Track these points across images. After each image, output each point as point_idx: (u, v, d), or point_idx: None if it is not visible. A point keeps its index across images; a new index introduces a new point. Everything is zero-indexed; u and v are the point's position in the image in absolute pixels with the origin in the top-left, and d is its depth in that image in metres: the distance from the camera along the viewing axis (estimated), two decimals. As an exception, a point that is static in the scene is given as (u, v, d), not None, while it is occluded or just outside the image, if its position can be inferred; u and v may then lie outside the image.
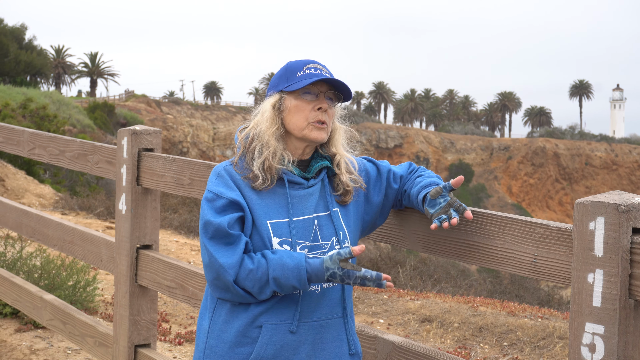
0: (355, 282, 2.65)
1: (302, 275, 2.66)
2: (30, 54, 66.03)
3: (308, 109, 2.82)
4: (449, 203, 2.74)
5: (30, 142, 5.45)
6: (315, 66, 2.85)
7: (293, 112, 2.82)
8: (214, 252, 2.71)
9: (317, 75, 2.80)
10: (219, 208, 2.73)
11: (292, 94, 2.84)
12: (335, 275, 2.65)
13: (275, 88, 2.88)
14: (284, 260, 2.67)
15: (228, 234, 2.70)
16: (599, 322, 2.29)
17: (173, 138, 73.38)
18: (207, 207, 2.76)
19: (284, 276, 2.66)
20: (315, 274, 2.66)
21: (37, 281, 7.35)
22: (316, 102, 2.83)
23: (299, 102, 2.82)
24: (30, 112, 29.08)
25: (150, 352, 4.35)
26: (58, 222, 5.16)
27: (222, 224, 2.70)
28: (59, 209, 17.63)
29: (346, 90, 2.86)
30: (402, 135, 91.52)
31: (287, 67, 2.88)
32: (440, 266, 16.34)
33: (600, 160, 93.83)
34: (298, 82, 2.81)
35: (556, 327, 7.93)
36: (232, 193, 2.75)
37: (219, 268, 2.69)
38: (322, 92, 2.84)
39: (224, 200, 2.74)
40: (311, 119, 2.81)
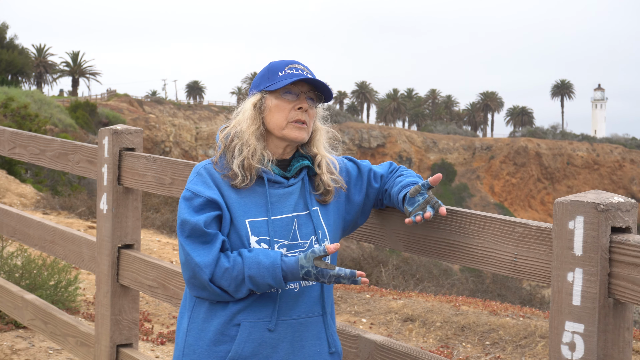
0: (330, 281, 2.65)
1: (278, 273, 2.66)
2: (12, 52, 65.73)
3: (288, 108, 2.83)
4: (426, 200, 2.75)
5: (10, 141, 5.43)
6: (297, 66, 2.86)
7: (273, 111, 2.83)
8: (190, 251, 2.72)
9: (298, 75, 2.81)
10: (197, 207, 2.74)
11: (273, 93, 2.85)
12: (310, 273, 2.65)
13: (256, 88, 2.89)
14: (260, 259, 2.67)
15: (204, 233, 2.70)
16: (578, 321, 2.30)
17: (155, 137, 73.19)
18: (184, 206, 2.77)
19: (259, 274, 2.66)
20: (291, 272, 2.67)
21: (18, 281, 7.31)
22: (297, 102, 2.84)
23: (279, 102, 2.83)
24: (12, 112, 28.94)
25: (132, 352, 4.34)
26: (39, 222, 5.14)
27: (198, 223, 2.70)
28: (41, 209, 17.55)
29: (327, 91, 2.88)
30: (384, 135, 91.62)
31: (269, 67, 2.89)
32: (422, 265, 16.37)
33: (581, 160, 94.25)
34: (279, 81, 2.82)
35: (538, 326, 7.96)
36: (210, 192, 2.75)
37: (194, 267, 2.70)
38: (303, 92, 2.85)
39: (201, 199, 2.74)
40: (291, 119, 2.82)
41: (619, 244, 2.25)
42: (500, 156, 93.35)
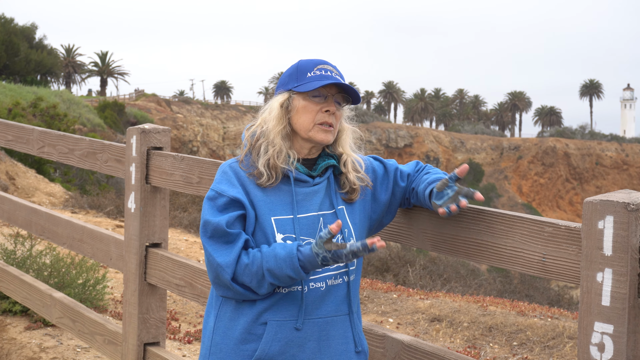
0: (348, 259, 2.62)
1: (295, 263, 2.65)
2: (41, 53, 66.20)
3: (316, 110, 2.82)
4: (457, 192, 2.73)
5: (39, 140, 5.46)
6: (326, 67, 2.85)
7: (301, 112, 2.83)
8: (212, 252, 2.73)
9: (327, 78, 2.80)
10: (220, 206, 2.75)
11: (301, 94, 2.84)
12: (327, 258, 2.63)
13: (284, 86, 2.88)
14: (277, 251, 2.67)
15: (226, 233, 2.71)
16: (608, 322, 2.28)
17: (183, 137, 73.46)
18: (207, 206, 2.78)
19: (277, 267, 2.66)
20: (308, 261, 2.65)
21: (46, 279, 7.36)
22: (324, 105, 2.83)
23: (307, 103, 2.82)
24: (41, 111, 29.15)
25: (159, 351, 4.35)
26: (67, 220, 5.17)
27: (220, 223, 2.71)
28: (69, 208, 17.66)
29: (355, 94, 2.87)
30: (412, 134, 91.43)
31: (297, 66, 2.88)
32: (449, 265, 16.31)
33: (610, 160, 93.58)
34: (308, 83, 2.81)
35: (566, 327, 7.91)
36: (233, 191, 2.76)
37: (217, 267, 2.72)
38: (330, 94, 2.85)
39: (225, 199, 2.75)
40: (318, 121, 2.81)
41: (650, 244, 2.23)
42: (529, 156, 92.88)
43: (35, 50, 66.06)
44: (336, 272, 2.82)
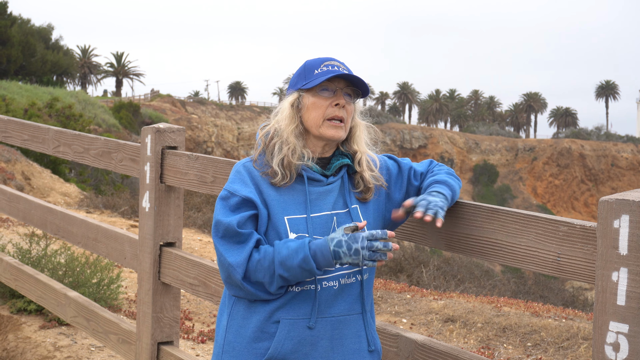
0: (363, 244, 2.59)
1: (306, 251, 2.63)
2: (57, 53, 66.49)
3: (325, 105, 2.82)
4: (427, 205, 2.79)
5: (55, 140, 5.48)
6: (333, 63, 2.85)
7: (311, 109, 2.83)
8: (223, 252, 2.74)
9: (333, 72, 2.80)
10: (232, 206, 2.75)
11: (309, 91, 2.85)
12: (341, 243, 2.60)
13: (294, 87, 2.90)
14: (289, 243, 2.68)
15: (237, 233, 2.72)
16: (623, 321, 2.27)
17: (197, 138, 73.61)
18: (219, 206, 2.79)
19: (288, 257, 2.65)
20: (319, 249, 2.63)
21: (61, 278, 7.39)
22: (333, 99, 2.83)
23: (316, 99, 2.83)
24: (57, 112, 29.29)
25: (173, 350, 4.36)
26: (82, 220, 5.18)
27: (231, 223, 2.72)
28: (84, 208, 17.72)
29: (363, 86, 2.86)
30: (426, 135, 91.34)
31: (305, 65, 2.90)
32: (464, 266, 16.28)
33: (626, 162, 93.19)
34: (315, 79, 2.82)
35: (580, 328, 7.88)
36: (245, 190, 2.76)
37: (228, 267, 2.72)
38: (339, 88, 2.84)
39: (237, 198, 2.76)
40: (328, 115, 2.81)
41: (665, 244, 2.21)
42: (544, 157, 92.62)
43: (51, 51, 66.34)
44: (349, 271, 2.81)
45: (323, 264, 2.65)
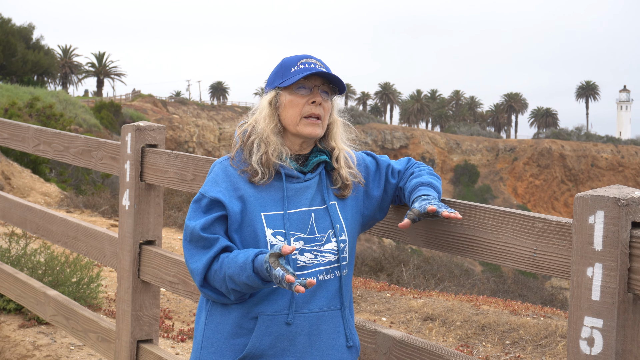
0: (275, 281, 2.53)
1: (249, 269, 2.61)
2: (38, 53, 66.14)
3: (302, 103, 2.83)
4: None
5: (35, 138, 5.47)
6: (310, 60, 2.86)
7: (288, 107, 2.84)
8: (187, 257, 2.78)
9: (309, 70, 2.81)
10: (202, 207, 2.78)
11: (286, 89, 2.85)
12: (268, 269, 2.56)
13: (271, 85, 2.90)
14: (237, 258, 2.66)
15: (201, 238, 2.73)
16: (597, 316, 2.29)
17: (179, 138, 73.45)
18: (190, 209, 2.82)
19: (236, 273, 2.64)
20: (259, 269, 2.60)
21: (41, 277, 7.37)
22: (310, 96, 2.84)
23: (293, 97, 2.84)
24: (37, 111, 29.16)
25: (152, 348, 4.36)
26: (62, 218, 5.18)
27: (195, 228, 2.74)
28: (64, 207, 17.66)
29: (340, 83, 2.88)
30: (407, 136, 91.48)
31: (282, 63, 2.90)
32: (443, 265, 16.34)
33: (606, 162, 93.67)
34: (291, 77, 2.83)
35: (558, 326, 7.93)
36: (214, 191, 2.78)
37: (191, 272, 2.77)
38: (316, 85, 2.85)
39: (206, 200, 2.78)
40: (305, 113, 2.82)
41: (639, 239, 2.24)
42: (524, 158, 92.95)
43: (32, 50, 65.98)
44: (328, 267, 2.82)
45: (267, 280, 2.62)
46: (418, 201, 2.79)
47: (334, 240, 2.83)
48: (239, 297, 2.74)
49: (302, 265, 2.77)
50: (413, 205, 2.79)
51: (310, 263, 2.78)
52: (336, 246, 2.83)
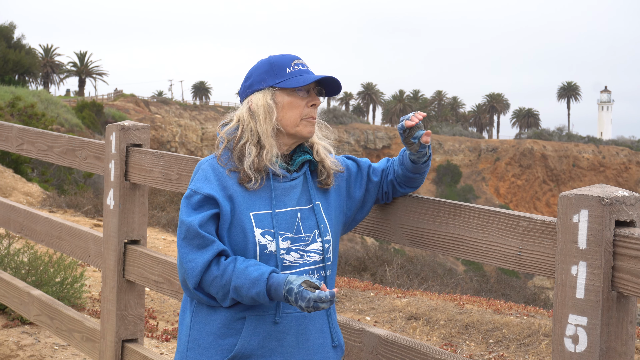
0: (308, 305, 2.56)
1: (262, 287, 2.63)
2: (19, 52, 65.80)
3: (302, 105, 2.84)
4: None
5: (18, 137, 5.45)
6: (301, 62, 2.89)
7: (287, 109, 2.84)
8: (182, 255, 2.74)
9: (309, 73, 2.85)
10: (195, 204, 2.76)
11: (284, 90, 2.84)
12: (292, 292, 2.58)
13: (261, 84, 2.87)
14: (249, 270, 2.67)
15: (199, 235, 2.70)
16: (582, 314, 2.31)
17: (161, 138, 73.26)
18: (183, 205, 2.79)
19: (244, 286, 2.65)
20: (274, 288, 2.62)
21: (24, 277, 7.34)
22: (309, 99, 2.86)
23: (293, 99, 2.84)
24: (19, 111, 29.01)
25: (137, 347, 4.36)
26: (46, 218, 5.16)
27: (193, 224, 2.71)
28: (47, 207, 17.59)
29: (338, 88, 2.91)
30: (390, 136, 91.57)
31: (271, 62, 2.88)
32: (427, 265, 16.38)
33: (587, 162, 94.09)
34: (292, 79, 2.82)
35: (542, 325, 7.97)
36: (207, 187, 2.76)
37: (184, 272, 2.73)
38: (311, 88, 2.87)
39: (199, 196, 2.76)
40: (305, 115, 2.84)
41: (623, 238, 2.26)
42: (506, 158, 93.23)
43: (13, 49, 65.64)
44: (313, 267, 2.84)
45: (276, 299, 2.66)
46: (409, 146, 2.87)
47: (319, 240, 2.85)
48: (231, 303, 2.74)
49: (288, 264, 2.78)
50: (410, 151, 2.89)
51: (296, 262, 2.79)
52: (321, 246, 2.85)
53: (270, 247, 2.75)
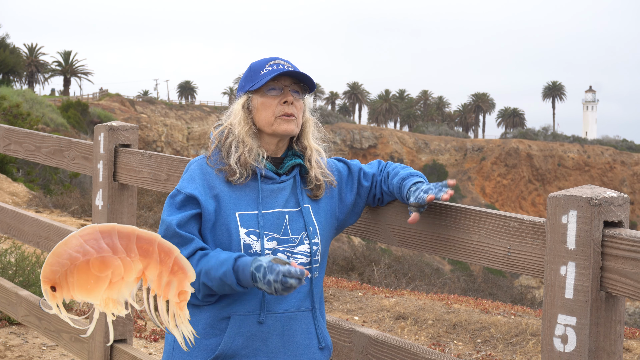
0: (277, 278, 2.55)
1: (229, 265, 2.63)
2: (3, 52, 65.57)
3: (274, 104, 2.86)
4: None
5: (5, 137, 5.44)
6: (278, 62, 2.89)
7: (260, 109, 2.87)
8: None
9: (277, 70, 2.84)
10: (177, 203, 2.79)
11: (257, 92, 2.88)
12: (260, 268, 2.58)
13: (242, 90, 2.93)
14: (219, 254, 2.69)
15: (177, 234, 2.73)
16: (571, 314, 2.33)
17: (147, 137, 73.11)
18: (166, 204, 2.82)
19: (214, 267, 2.66)
20: (242, 267, 2.62)
21: (12, 278, 7.33)
22: (281, 97, 2.87)
23: (264, 99, 2.87)
24: (3, 110, 28.89)
25: (126, 348, 4.36)
26: (34, 218, 5.16)
27: (171, 223, 2.74)
28: (33, 207, 17.54)
29: (309, 81, 2.90)
30: (376, 135, 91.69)
31: (250, 68, 2.93)
32: (414, 264, 16.41)
33: (572, 162, 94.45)
34: (261, 80, 2.85)
35: (529, 324, 8.01)
36: (190, 187, 2.80)
37: None
38: (286, 85, 2.88)
39: (181, 196, 2.79)
40: (278, 113, 2.85)
41: (612, 238, 2.28)
42: (492, 157, 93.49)
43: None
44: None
45: (244, 282, 2.64)
46: (413, 194, 2.82)
47: (307, 242, 2.86)
48: (207, 297, 2.74)
49: None
50: (410, 200, 2.83)
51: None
52: (309, 248, 2.86)
53: (255, 247, 2.77)
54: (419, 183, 2.86)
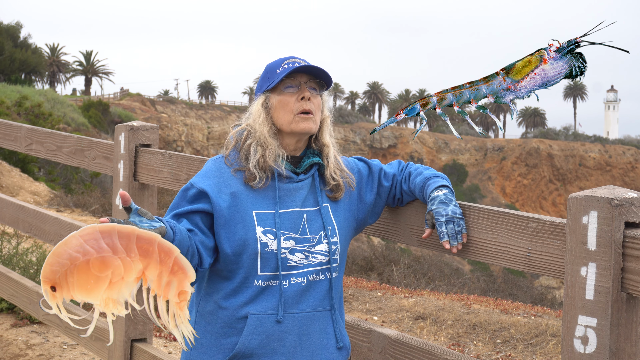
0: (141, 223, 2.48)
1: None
2: (25, 52, 65.90)
3: (292, 101, 2.85)
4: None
5: (27, 137, 5.47)
6: (294, 60, 2.89)
7: (278, 108, 2.87)
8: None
9: (293, 67, 2.83)
10: (189, 197, 2.80)
11: (274, 91, 2.88)
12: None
13: (260, 90, 2.93)
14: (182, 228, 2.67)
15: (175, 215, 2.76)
16: (591, 315, 2.32)
17: (167, 137, 73.32)
18: (177, 196, 2.84)
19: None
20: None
21: (33, 277, 7.37)
22: (299, 93, 2.86)
23: (282, 97, 2.86)
24: (25, 110, 29.09)
25: (146, 347, 4.38)
26: (55, 218, 5.18)
27: (174, 210, 2.78)
28: (54, 206, 17.63)
29: (326, 76, 2.89)
30: (396, 135, 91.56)
31: (266, 68, 2.94)
32: (433, 264, 16.38)
33: (593, 161, 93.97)
34: (277, 77, 2.85)
35: (549, 325, 7.97)
36: (203, 183, 2.81)
37: None
38: (302, 82, 2.87)
39: (194, 190, 2.81)
40: (296, 110, 2.84)
41: (633, 239, 2.27)
42: (512, 157, 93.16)
43: (19, 49, 65.72)
44: (318, 268, 2.84)
45: None
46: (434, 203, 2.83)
47: (325, 242, 2.86)
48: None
49: (292, 265, 2.80)
50: (428, 207, 2.85)
51: (301, 263, 2.80)
52: (327, 248, 2.86)
53: (271, 246, 2.77)
54: (442, 191, 2.85)
